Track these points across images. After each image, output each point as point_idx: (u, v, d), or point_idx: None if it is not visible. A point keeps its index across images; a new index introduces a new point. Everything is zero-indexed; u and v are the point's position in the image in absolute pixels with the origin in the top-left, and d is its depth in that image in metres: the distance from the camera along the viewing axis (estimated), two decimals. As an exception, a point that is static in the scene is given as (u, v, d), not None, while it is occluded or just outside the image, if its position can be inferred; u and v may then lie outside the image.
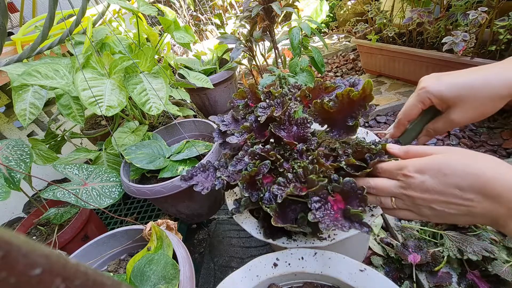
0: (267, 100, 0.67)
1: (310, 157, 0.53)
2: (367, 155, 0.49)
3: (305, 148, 0.57)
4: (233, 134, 0.65)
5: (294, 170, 0.51)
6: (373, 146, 0.49)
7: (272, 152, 0.55)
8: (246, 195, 0.55)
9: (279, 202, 0.53)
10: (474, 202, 0.37)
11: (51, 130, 1.14)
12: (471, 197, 0.37)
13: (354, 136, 0.57)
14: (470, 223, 0.41)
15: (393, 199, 0.45)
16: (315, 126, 0.73)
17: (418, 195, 0.41)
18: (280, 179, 0.51)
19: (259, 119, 0.62)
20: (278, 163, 0.55)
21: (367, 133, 0.78)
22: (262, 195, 0.55)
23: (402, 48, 1.54)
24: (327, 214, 0.46)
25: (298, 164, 0.53)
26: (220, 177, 0.62)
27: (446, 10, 1.36)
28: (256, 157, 0.57)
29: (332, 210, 0.47)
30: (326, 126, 0.61)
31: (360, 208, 0.44)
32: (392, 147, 0.48)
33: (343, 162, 0.50)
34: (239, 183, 0.56)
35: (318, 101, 0.57)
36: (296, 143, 0.58)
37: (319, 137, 0.64)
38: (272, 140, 0.66)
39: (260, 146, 0.59)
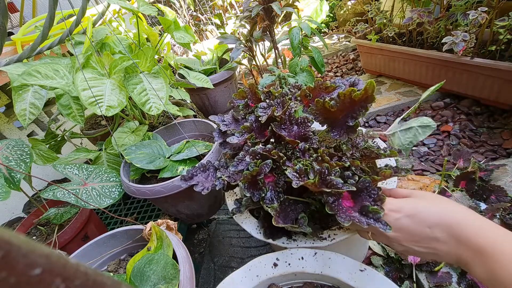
0: (267, 100, 0.67)
1: (314, 155, 0.53)
2: (380, 166, 0.49)
3: (307, 147, 0.57)
4: (233, 134, 0.65)
5: (299, 167, 0.52)
6: (382, 152, 0.49)
7: (274, 151, 0.55)
8: (248, 195, 0.55)
9: (281, 201, 0.53)
10: (440, 242, 0.40)
11: (51, 130, 1.14)
12: (439, 236, 0.40)
13: (354, 136, 0.57)
14: (436, 260, 0.43)
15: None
16: (315, 126, 0.73)
17: (391, 233, 0.44)
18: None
19: (260, 119, 0.62)
20: (281, 161, 0.55)
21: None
22: (263, 194, 0.55)
23: (402, 48, 1.54)
24: (340, 209, 0.47)
25: (302, 162, 0.53)
26: (221, 177, 0.62)
27: (446, 10, 1.36)
28: (257, 157, 0.57)
29: (344, 206, 0.48)
30: (326, 125, 0.61)
31: (377, 206, 0.44)
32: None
33: (348, 163, 0.51)
34: (240, 183, 0.56)
35: (320, 99, 0.57)
36: (298, 141, 0.58)
37: (320, 136, 0.64)
38: (272, 140, 0.66)
39: (261, 145, 0.59)
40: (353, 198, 0.49)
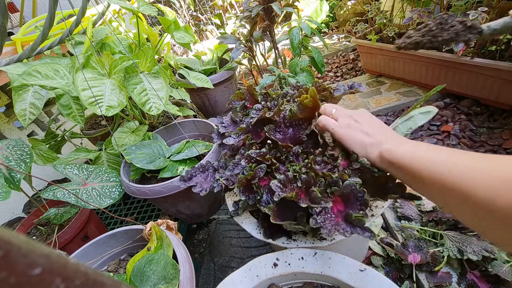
0: (263, 102, 0.67)
1: (306, 161, 0.53)
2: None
3: (300, 151, 0.57)
4: (230, 136, 0.66)
5: (283, 177, 0.51)
6: (376, 170, 0.50)
7: (267, 156, 0.55)
8: (243, 198, 0.55)
9: (277, 202, 0.53)
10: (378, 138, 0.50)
11: (51, 130, 1.14)
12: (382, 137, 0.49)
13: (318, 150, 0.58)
14: (358, 144, 0.51)
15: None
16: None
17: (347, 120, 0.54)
18: (281, 176, 0.51)
19: (251, 120, 0.62)
20: (274, 166, 0.55)
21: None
22: (259, 197, 0.55)
23: (402, 48, 1.54)
24: (328, 218, 0.46)
25: (294, 167, 0.53)
26: (219, 179, 0.62)
27: (446, 10, 1.36)
28: (252, 161, 0.57)
29: (333, 213, 0.47)
30: None
31: (361, 212, 0.44)
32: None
33: (336, 174, 0.50)
34: (235, 187, 0.56)
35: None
36: (292, 146, 0.58)
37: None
38: (269, 141, 0.66)
39: (255, 150, 0.59)
40: (343, 201, 0.48)
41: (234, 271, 0.58)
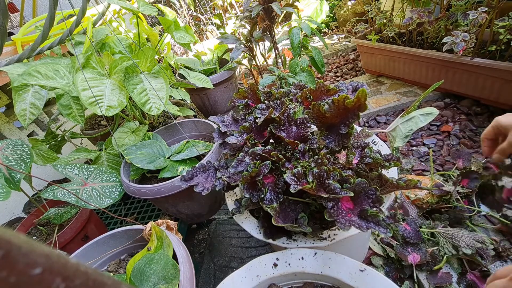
0: (266, 102, 0.67)
1: (315, 157, 0.53)
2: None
3: (307, 148, 0.57)
4: (232, 135, 0.65)
5: (297, 170, 0.52)
6: (386, 164, 0.50)
7: (273, 152, 0.55)
8: (247, 196, 0.55)
9: (280, 201, 0.53)
10: None
11: (51, 130, 1.14)
12: None
13: (348, 143, 0.57)
14: None
15: None
16: (315, 126, 0.72)
17: None
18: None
19: (257, 120, 0.62)
20: (280, 162, 0.55)
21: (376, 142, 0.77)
22: (263, 195, 0.55)
23: (402, 48, 1.54)
24: (340, 213, 0.47)
25: (301, 164, 0.53)
26: (221, 178, 0.62)
27: (446, 10, 1.36)
28: (257, 158, 0.57)
29: (343, 209, 0.48)
30: (322, 130, 0.61)
31: (375, 209, 0.44)
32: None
33: (349, 172, 0.51)
34: (239, 184, 0.56)
35: (316, 104, 0.57)
36: (298, 142, 0.58)
37: (319, 137, 0.64)
38: (272, 140, 0.66)
39: (260, 146, 0.59)
40: (352, 199, 0.49)
41: (234, 271, 0.58)
